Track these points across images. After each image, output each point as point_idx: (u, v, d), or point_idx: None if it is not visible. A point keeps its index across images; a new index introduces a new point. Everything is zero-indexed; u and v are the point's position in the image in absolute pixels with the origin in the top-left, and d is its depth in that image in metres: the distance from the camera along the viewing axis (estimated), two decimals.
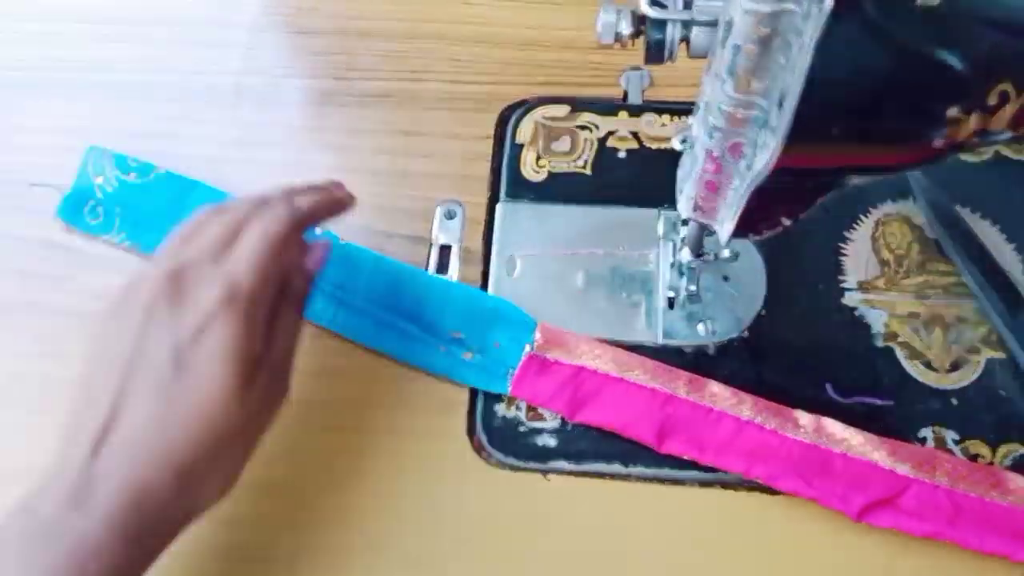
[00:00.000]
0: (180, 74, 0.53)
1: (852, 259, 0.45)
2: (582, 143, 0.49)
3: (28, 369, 0.43)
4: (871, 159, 0.27)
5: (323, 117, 0.51)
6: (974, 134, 0.24)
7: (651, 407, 0.40)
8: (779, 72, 0.24)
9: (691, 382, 0.41)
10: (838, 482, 0.38)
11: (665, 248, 0.44)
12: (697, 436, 0.39)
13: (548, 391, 0.41)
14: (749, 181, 0.28)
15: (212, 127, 0.51)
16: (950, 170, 0.47)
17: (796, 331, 0.43)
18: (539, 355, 0.42)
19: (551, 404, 0.41)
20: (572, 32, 0.53)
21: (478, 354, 0.42)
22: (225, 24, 0.55)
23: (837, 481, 0.38)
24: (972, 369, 0.42)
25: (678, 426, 0.40)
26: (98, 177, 0.46)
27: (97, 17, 0.56)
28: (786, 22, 0.23)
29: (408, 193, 0.48)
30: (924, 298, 0.44)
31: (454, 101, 0.51)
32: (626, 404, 0.40)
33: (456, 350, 0.43)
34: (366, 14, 0.55)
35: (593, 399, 0.41)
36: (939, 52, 0.22)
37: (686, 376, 0.41)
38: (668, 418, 0.40)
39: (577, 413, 0.41)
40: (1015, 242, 0.45)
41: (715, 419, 0.40)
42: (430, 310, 0.43)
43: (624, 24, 0.29)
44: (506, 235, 0.46)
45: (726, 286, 0.44)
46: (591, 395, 0.41)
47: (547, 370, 0.41)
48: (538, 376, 0.41)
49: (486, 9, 0.54)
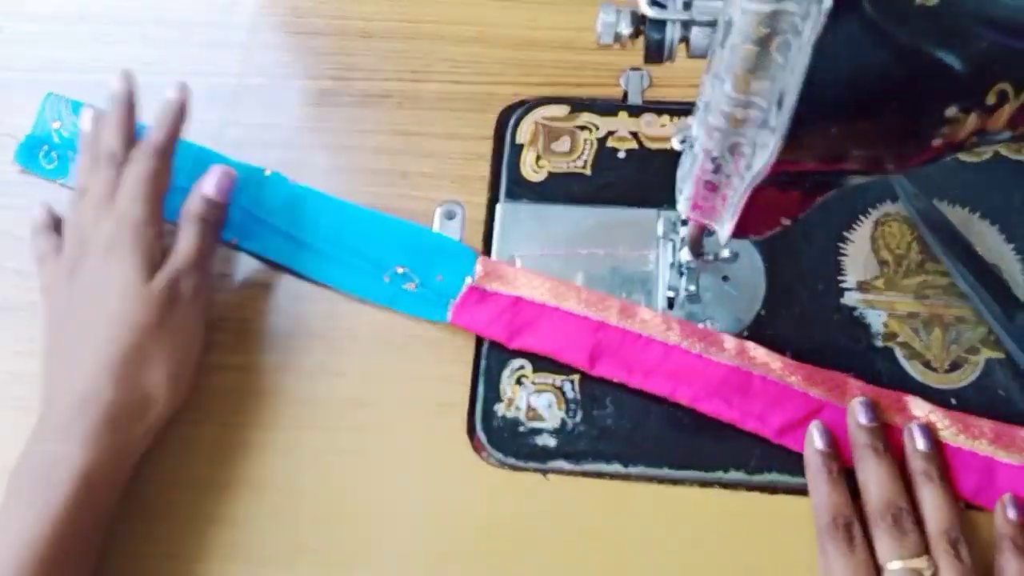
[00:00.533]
0: (180, 75, 0.53)
1: (851, 259, 0.45)
2: (582, 143, 0.49)
3: (28, 369, 0.43)
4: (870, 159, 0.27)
5: (323, 118, 0.51)
6: (973, 134, 0.24)
7: (583, 333, 0.42)
8: (778, 72, 0.24)
9: (623, 309, 0.42)
10: (756, 403, 0.40)
11: (665, 248, 0.44)
12: (626, 360, 0.41)
13: (486, 319, 0.43)
14: (749, 181, 0.28)
15: (212, 127, 0.51)
16: (949, 171, 0.47)
17: (796, 331, 0.43)
18: (479, 286, 0.43)
19: (489, 331, 0.43)
20: (572, 32, 0.53)
21: (421, 286, 0.44)
22: (224, 25, 0.55)
23: (755, 402, 0.40)
24: (971, 369, 0.42)
25: (608, 350, 0.41)
26: (55, 122, 0.48)
27: (97, 18, 0.56)
28: (785, 22, 0.23)
29: (408, 193, 0.48)
30: (923, 298, 0.44)
31: (454, 101, 0.51)
32: (560, 331, 0.42)
33: (400, 280, 0.44)
34: (366, 14, 0.55)
35: (529, 326, 0.42)
36: (938, 52, 0.22)
37: (618, 304, 0.43)
38: (599, 343, 0.42)
39: (514, 339, 0.42)
40: (1014, 243, 0.45)
41: (644, 344, 0.41)
42: (375, 245, 0.46)
43: (624, 24, 0.29)
44: (506, 235, 0.46)
45: (726, 286, 0.44)
46: (528, 323, 0.42)
47: (486, 300, 0.43)
48: (477, 305, 0.43)
49: (486, 9, 0.54)
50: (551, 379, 0.43)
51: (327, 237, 0.46)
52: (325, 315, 0.45)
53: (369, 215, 0.47)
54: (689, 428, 0.41)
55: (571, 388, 0.43)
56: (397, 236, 0.46)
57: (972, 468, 0.38)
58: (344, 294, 0.45)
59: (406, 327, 0.45)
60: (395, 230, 0.46)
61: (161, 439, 0.41)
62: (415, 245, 0.45)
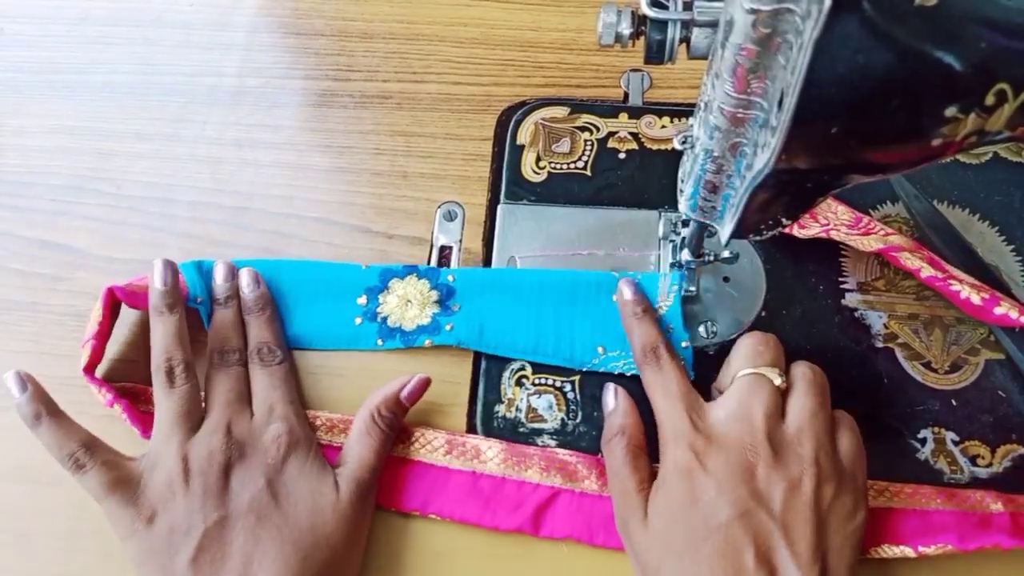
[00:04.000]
0: (180, 75, 0.53)
1: (852, 260, 0.45)
2: (582, 144, 0.49)
3: (28, 369, 0.43)
4: (870, 159, 0.27)
5: (322, 118, 0.51)
6: (972, 134, 0.24)
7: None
8: (779, 72, 0.24)
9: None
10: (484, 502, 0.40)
11: (665, 249, 0.44)
12: None
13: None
14: (749, 181, 0.28)
15: (212, 128, 0.51)
16: (948, 172, 0.47)
17: (796, 332, 0.43)
18: None
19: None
20: (572, 33, 0.53)
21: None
22: (224, 26, 0.55)
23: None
24: (971, 370, 0.42)
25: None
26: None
27: (97, 19, 0.56)
28: (786, 22, 0.23)
29: (408, 194, 0.48)
30: (924, 299, 0.44)
31: (454, 102, 0.51)
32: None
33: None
34: (366, 15, 0.55)
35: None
36: (938, 52, 0.22)
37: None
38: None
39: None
40: (1014, 244, 0.45)
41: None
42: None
43: (624, 25, 0.29)
44: (506, 236, 0.46)
45: (726, 287, 0.44)
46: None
47: None
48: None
49: (486, 10, 0.54)
50: (551, 380, 0.43)
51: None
52: None
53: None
54: None
55: (572, 389, 0.42)
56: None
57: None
58: None
59: None
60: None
61: None
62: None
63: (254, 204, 0.49)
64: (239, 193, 0.49)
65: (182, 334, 0.40)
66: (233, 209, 0.48)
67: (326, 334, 0.44)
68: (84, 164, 0.50)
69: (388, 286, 0.45)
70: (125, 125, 0.51)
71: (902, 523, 0.38)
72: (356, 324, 0.44)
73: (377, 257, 0.46)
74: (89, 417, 0.39)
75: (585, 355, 0.42)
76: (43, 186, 0.50)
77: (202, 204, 0.49)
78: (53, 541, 0.40)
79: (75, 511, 0.40)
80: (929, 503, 0.38)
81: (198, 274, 0.44)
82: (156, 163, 0.50)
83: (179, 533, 0.35)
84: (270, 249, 0.47)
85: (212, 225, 0.48)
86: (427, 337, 0.43)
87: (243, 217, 0.48)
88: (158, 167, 0.50)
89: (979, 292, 0.40)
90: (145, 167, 0.50)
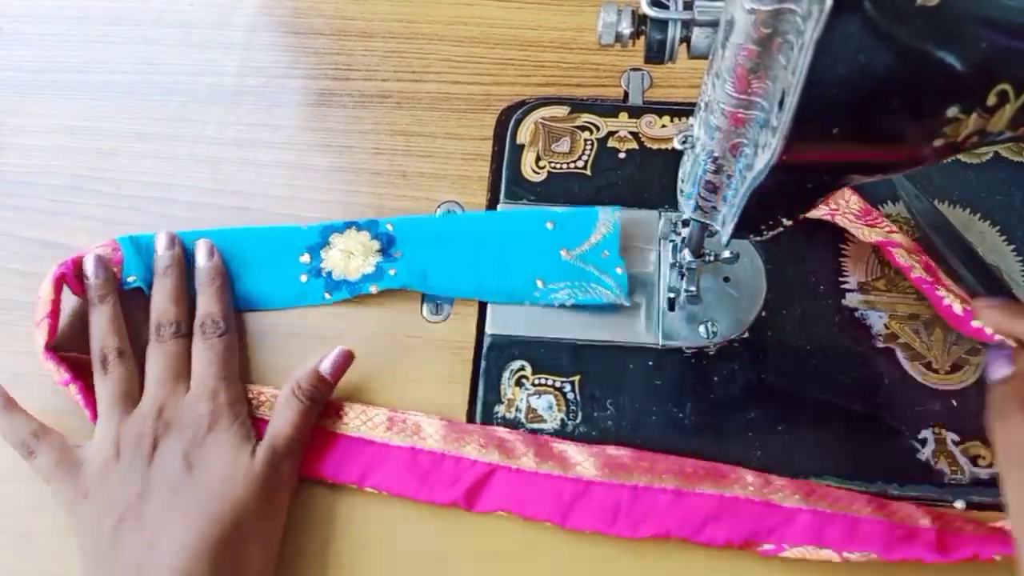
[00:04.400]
0: (179, 75, 0.53)
1: (853, 260, 0.45)
2: (582, 144, 0.49)
3: (27, 369, 0.43)
4: (871, 159, 0.27)
5: (322, 118, 0.51)
6: (973, 134, 0.24)
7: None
8: (780, 72, 0.24)
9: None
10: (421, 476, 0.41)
11: (665, 249, 0.44)
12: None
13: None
14: (749, 181, 0.28)
15: (211, 128, 0.51)
16: (949, 172, 0.47)
17: (797, 332, 0.43)
18: None
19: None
20: (572, 32, 0.53)
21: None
22: (224, 25, 0.55)
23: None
24: (972, 370, 0.42)
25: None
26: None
27: (97, 18, 0.56)
28: (787, 22, 0.23)
29: (408, 194, 0.48)
30: (924, 299, 0.44)
31: (454, 101, 0.51)
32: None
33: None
34: (365, 14, 0.55)
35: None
36: (939, 52, 0.22)
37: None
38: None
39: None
40: (1014, 244, 0.45)
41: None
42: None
43: (625, 24, 0.29)
44: None
45: (727, 287, 0.44)
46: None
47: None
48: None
49: (486, 9, 0.54)
50: (551, 380, 0.43)
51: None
52: (325, 316, 0.45)
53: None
54: (689, 430, 0.41)
55: (571, 389, 0.42)
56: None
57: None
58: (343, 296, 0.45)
59: (407, 328, 0.45)
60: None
61: None
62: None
63: (254, 204, 0.48)
64: (239, 193, 0.49)
65: (115, 321, 0.42)
66: (233, 209, 0.48)
67: (274, 294, 0.45)
68: (84, 164, 0.50)
69: (329, 241, 0.46)
70: (125, 125, 0.51)
71: (830, 527, 0.38)
72: (302, 282, 0.45)
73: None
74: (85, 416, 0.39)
75: (526, 290, 0.44)
76: (43, 186, 0.50)
77: (202, 204, 0.49)
78: (53, 541, 0.40)
79: None
80: (860, 511, 0.38)
81: (135, 251, 0.45)
82: (156, 163, 0.50)
83: (106, 506, 0.38)
84: None
85: (212, 225, 0.47)
86: (372, 283, 0.45)
87: (243, 217, 0.48)
88: (158, 167, 0.50)
89: (963, 303, 0.41)
90: (145, 167, 0.50)
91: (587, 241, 0.45)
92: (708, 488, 0.39)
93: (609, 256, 0.44)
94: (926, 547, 0.37)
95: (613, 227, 0.45)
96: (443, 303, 0.45)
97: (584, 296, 0.44)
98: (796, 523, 0.38)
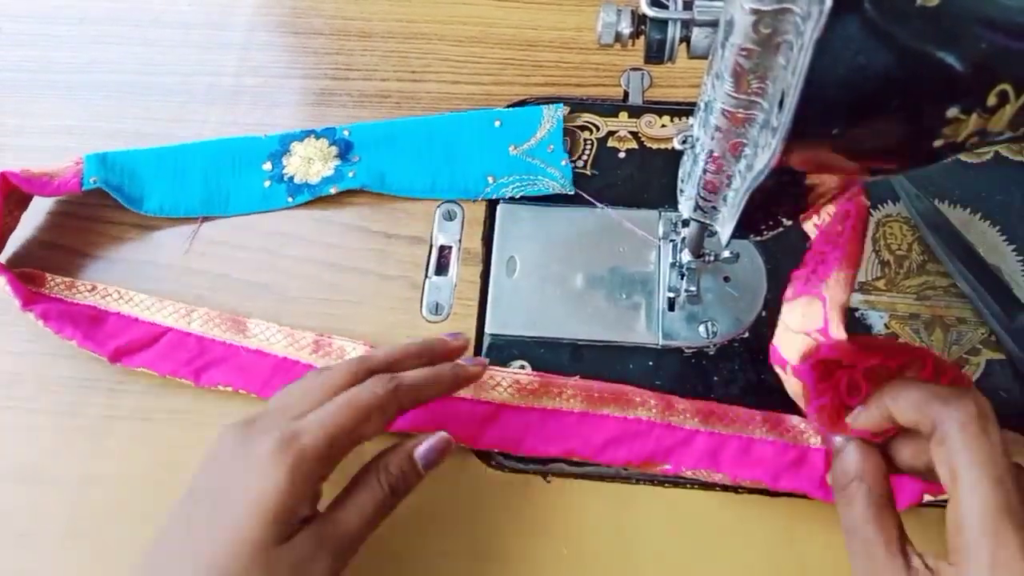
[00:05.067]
0: (178, 75, 0.53)
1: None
2: (582, 143, 0.49)
3: (27, 369, 0.43)
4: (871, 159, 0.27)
5: (321, 117, 0.51)
6: (974, 134, 0.24)
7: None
8: (780, 72, 0.24)
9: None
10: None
11: (665, 249, 0.44)
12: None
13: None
14: (749, 181, 0.28)
15: (211, 127, 0.51)
16: (949, 172, 0.46)
17: None
18: None
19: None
20: (572, 32, 0.53)
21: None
22: (223, 26, 0.55)
23: None
24: (972, 370, 0.42)
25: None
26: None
27: (96, 18, 0.56)
28: (787, 22, 0.23)
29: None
30: (925, 299, 0.44)
31: (453, 101, 0.51)
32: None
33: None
34: (364, 14, 0.55)
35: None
36: (939, 52, 0.22)
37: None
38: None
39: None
40: (1015, 244, 0.45)
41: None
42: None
43: (624, 24, 0.29)
44: (506, 236, 0.46)
45: (727, 287, 0.44)
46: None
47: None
48: None
49: (485, 9, 0.54)
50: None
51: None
52: (325, 315, 0.45)
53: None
54: None
55: None
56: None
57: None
58: (344, 296, 0.45)
59: (407, 328, 0.45)
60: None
61: None
62: None
63: None
64: None
65: None
66: None
67: (239, 200, 0.48)
68: None
69: (289, 149, 0.49)
70: (125, 125, 0.51)
71: (724, 450, 0.39)
72: (265, 187, 0.48)
73: (377, 257, 0.46)
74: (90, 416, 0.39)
75: (478, 186, 0.47)
76: None
77: None
78: (53, 541, 0.40)
79: (75, 511, 0.40)
80: (754, 431, 0.40)
81: (100, 163, 0.47)
82: None
83: None
84: (270, 249, 0.47)
85: (212, 225, 0.47)
86: (332, 184, 0.47)
87: (243, 217, 0.48)
88: None
89: (811, 304, 0.35)
90: None
91: (533, 137, 0.48)
92: (613, 411, 0.40)
93: (554, 150, 0.47)
94: (813, 474, 0.38)
95: (557, 123, 0.48)
96: (443, 303, 0.45)
97: (532, 188, 0.47)
98: (693, 445, 0.40)
